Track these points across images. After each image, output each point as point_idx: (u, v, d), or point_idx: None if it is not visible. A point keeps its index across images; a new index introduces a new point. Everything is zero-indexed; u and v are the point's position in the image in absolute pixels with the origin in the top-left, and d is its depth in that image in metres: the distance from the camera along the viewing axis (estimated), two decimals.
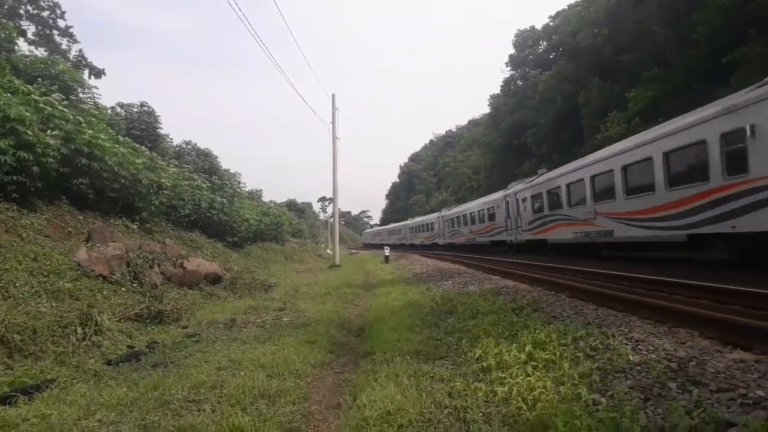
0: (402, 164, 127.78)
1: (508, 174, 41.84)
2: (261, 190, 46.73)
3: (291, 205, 79.56)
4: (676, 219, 11.80)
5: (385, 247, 33.06)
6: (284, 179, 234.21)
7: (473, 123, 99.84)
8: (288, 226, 38.06)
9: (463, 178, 64.76)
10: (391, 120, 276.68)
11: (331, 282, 17.70)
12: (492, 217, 27.57)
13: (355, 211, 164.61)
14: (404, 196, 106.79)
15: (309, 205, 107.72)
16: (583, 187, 16.27)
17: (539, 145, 37.82)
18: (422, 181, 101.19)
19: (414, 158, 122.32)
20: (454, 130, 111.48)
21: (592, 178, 15.71)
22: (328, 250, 48.78)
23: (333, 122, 30.59)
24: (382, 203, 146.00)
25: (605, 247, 16.28)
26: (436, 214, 45.36)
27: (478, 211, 30.04)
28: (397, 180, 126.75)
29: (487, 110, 61.00)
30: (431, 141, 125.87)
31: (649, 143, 12.72)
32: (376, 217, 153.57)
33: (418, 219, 54.18)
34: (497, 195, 27.56)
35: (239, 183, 34.93)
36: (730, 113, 10.03)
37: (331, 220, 49.46)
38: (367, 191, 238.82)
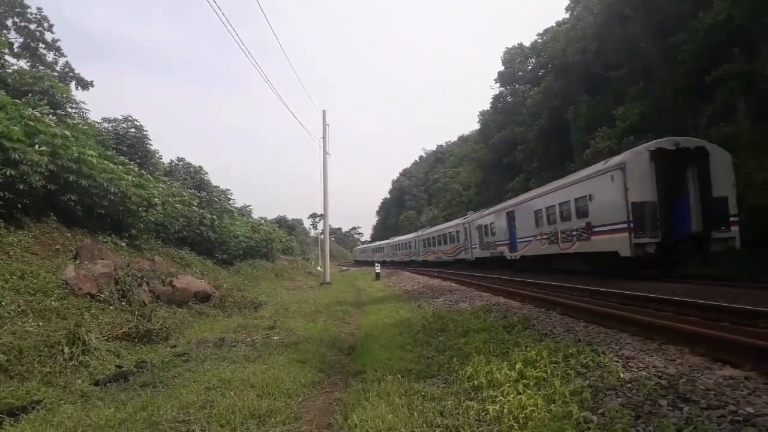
0: (393, 180, 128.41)
1: (499, 190, 42.07)
2: (251, 207, 46.71)
3: (281, 221, 79.37)
4: (550, 243, 20.22)
5: (376, 264, 33.15)
6: (275, 196, 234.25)
7: (463, 139, 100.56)
8: (278, 243, 37.90)
9: (453, 194, 65.04)
10: (383, 135, 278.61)
11: (321, 300, 17.65)
12: (455, 239, 36.35)
13: (345, 228, 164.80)
14: (395, 212, 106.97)
15: (299, 221, 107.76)
16: (502, 221, 26.20)
17: (529, 160, 38.16)
18: (413, 197, 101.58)
19: (405, 174, 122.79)
20: (444, 145, 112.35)
21: (508, 214, 25.46)
22: (318, 268, 48.63)
23: (324, 138, 30.77)
24: (373, 220, 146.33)
25: (515, 261, 24.80)
26: (413, 234, 54.08)
27: (447, 234, 38.69)
28: (389, 196, 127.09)
29: (477, 126, 61.81)
30: (422, 157, 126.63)
31: (536, 198, 22.02)
32: (367, 233, 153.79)
33: (398, 238, 62.93)
34: (459, 221, 36.48)
35: (229, 199, 34.80)
36: (579, 184, 17.89)
37: (322, 236, 49.50)
38: (358, 208, 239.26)
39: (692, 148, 15.04)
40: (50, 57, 34.22)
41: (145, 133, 25.87)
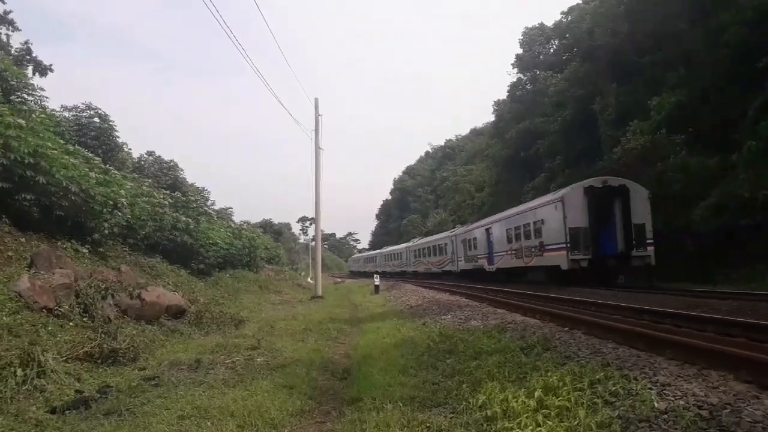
0: (395, 179, 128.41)
1: (516, 191, 42.10)
2: (231, 209, 46.73)
3: (266, 226, 79.32)
4: (518, 258, 26.83)
5: (375, 276, 33.13)
6: (259, 197, 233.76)
7: (476, 132, 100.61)
8: (263, 250, 37.88)
9: (464, 195, 65.27)
10: (383, 129, 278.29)
11: (312, 316, 17.67)
12: (444, 251, 42.61)
13: (340, 233, 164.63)
14: (397, 216, 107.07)
15: (287, 226, 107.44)
16: (483, 236, 32.67)
17: (551, 157, 38.11)
18: (417, 199, 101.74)
19: (409, 172, 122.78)
20: (453, 140, 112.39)
21: (487, 230, 31.85)
22: (308, 279, 48.57)
23: (316, 129, 30.77)
24: (372, 224, 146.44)
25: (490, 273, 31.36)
26: (404, 245, 60.62)
27: (436, 246, 44.92)
28: (390, 197, 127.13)
29: (491, 118, 61.72)
30: (428, 153, 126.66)
31: (508, 218, 28.74)
32: (364, 240, 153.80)
33: (390, 248, 69.74)
34: (447, 234, 43.47)
35: (207, 200, 34.83)
36: (535, 210, 24.84)
37: (313, 243, 49.59)
38: (354, 211, 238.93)
39: (616, 186, 21.89)
40: (2, 35, 33.98)
41: (111, 123, 25.89)
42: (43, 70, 32.83)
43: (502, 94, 58.35)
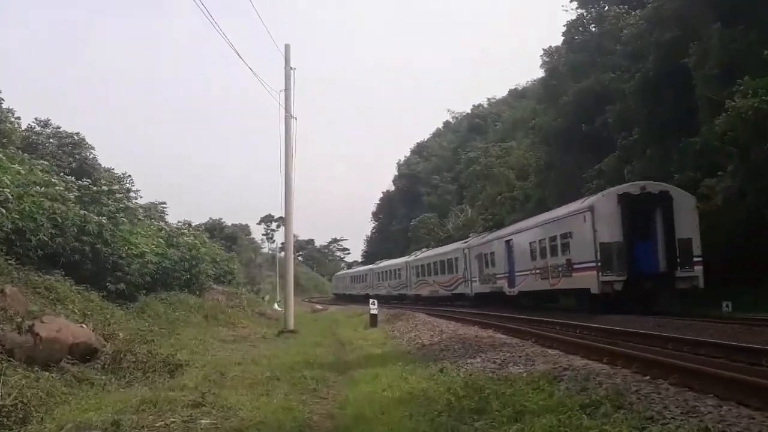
0: (400, 161, 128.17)
1: (575, 177, 41.99)
2: (165, 205, 46.83)
3: (215, 229, 79.49)
4: (543, 278, 30.60)
5: (371, 302, 32.90)
6: (204, 187, 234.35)
7: (516, 94, 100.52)
8: (209, 264, 37.83)
9: (500, 184, 65.06)
10: (382, 93, 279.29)
11: (280, 359, 17.65)
12: (453, 267, 46.60)
13: (322, 239, 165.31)
14: (404, 214, 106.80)
15: (244, 229, 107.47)
16: (502, 249, 37.19)
17: (624, 130, 37.77)
18: (433, 190, 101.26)
19: (420, 151, 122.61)
20: (485, 105, 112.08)
21: (507, 243, 36.27)
22: (275, 306, 48.67)
23: (287, 90, 30.54)
24: (367, 227, 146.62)
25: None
26: (403, 259, 65.43)
27: (444, 261, 49.17)
28: (393, 188, 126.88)
29: (539, 74, 61.41)
30: (447, 124, 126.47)
31: (530, 229, 33.27)
32: (356, 248, 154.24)
33: (385, 263, 73.51)
34: (458, 245, 48.31)
35: (129, 191, 34.85)
36: (562, 220, 28.94)
37: (282, 254, 49.07)
38: (342, 209, 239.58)
39: (657, 192, 25.28)
40: None
41: None
42: None
43: (556, 40, 58.45)
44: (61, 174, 25.07)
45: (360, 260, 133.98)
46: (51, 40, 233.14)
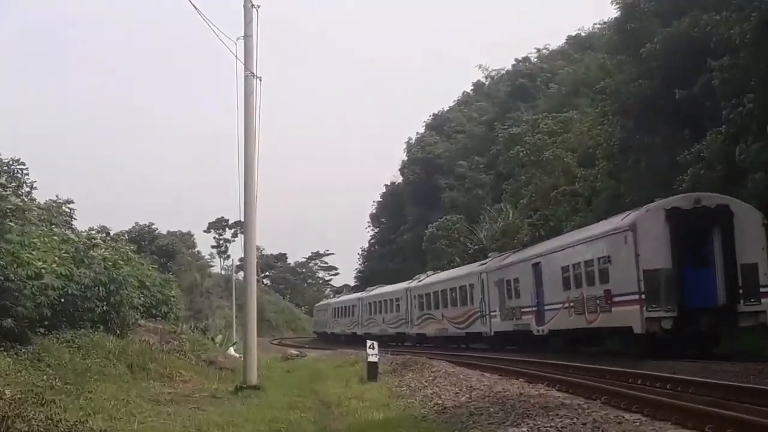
0: (409, 140, 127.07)
1: (662, 165, 41.95)
2: (72, 205, 46.64)
3: (143, 238, 79.53)
4: (580, 313, 32.49)
5: (370, 345, 32.49)
6: (127, 179, 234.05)
7: (577, 44, 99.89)
8: (136, 290, 37.64)
9: (554, 173, 65.00)
10: (383, 63, 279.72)
11: (239, 428, 17.70)
12: (467, 298, 50.51)
13: (298, 254, 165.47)
14: (417, 217, 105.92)
15: (187, 239, 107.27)
16: (528, 275, 40.13)
17: (734, 96, 37.55)
18: (457, 182, 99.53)
19: (438, 126, 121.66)
20: (533, 59, 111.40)
21: (534, 267, 38.83)
22: (231, 350, 48.96)
23: (247, 35, 29.97)
24: (362, 237, 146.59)
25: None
26: (403, 285, 68.24)
27: (454, 289, 53.58)
28: (400, 179, 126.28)
29: (609, 13, 61.02)
30: (478, 85, 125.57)
31: (564, 249, 36.07)
32: (347, 267, 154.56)
33: (378, 291, 77.34)
34: (474, 268, 52.49)
35: (21, 185, 34.89)
36: (597, 240, 31.92)
37: (240, 275, 48.07)
38: (326, 215, 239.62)
39: (713, 207, 27.27)
40: None
41: None
42: None
43: None
44: None
45: (352, 284, 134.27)
46: None
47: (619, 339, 29.43)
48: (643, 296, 25.65)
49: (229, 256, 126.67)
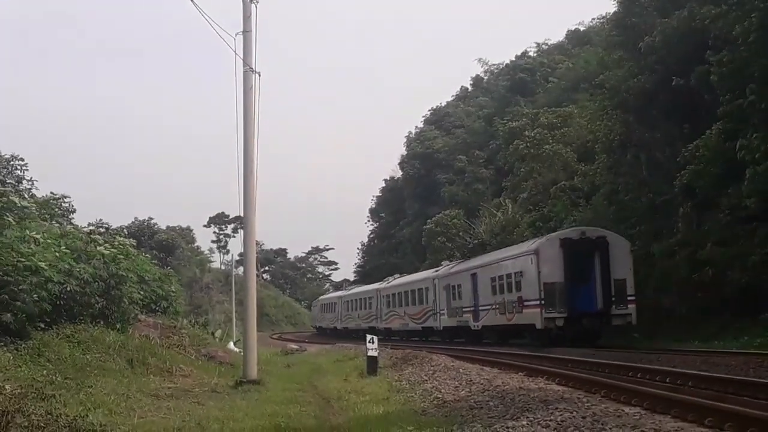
0: (409, 134, 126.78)
1: (660, 160, 41.75)
2: (70, 200, 46.63)
3: (142, 233, 79.44)
4: (501, 313, 44.99)
5: (370, 340, 32.47)
6: (127, 174, 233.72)
7: (576, 38, 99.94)
8: (136, 285, 37.46)
9: (554, 168, 65.09)
10: (381, 56, 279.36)
11: (239, 423, 17.61)
12: (423, 298, 61.27)
13: (298, 249, 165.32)
14: (416, 212, 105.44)
15: (186, 234, 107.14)
16: (468, 282, 51.46)
17: (729, 91, 37.22)
18: (456, 176, 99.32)
19: (437, 120, 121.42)
20: (532, 53, 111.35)
21: (473, 276, 50.81)
22: (231, 344, 49.39)
23: (246, 31, 29.89)
24: (363, 232, 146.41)
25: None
26: (375, 286, 78.85)
27: (415, 290, 63.86)
28: (399, 173, 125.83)
29: (608, 6, 60.97)
30: (477, 80, 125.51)
31: (493, 264, 48.33)
32: (347, 261, 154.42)
33: (357, 290, 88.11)
34: (428, 274, 63.56)
35: (20, 182, 34.84)
36: (515, 259, 43.58)
37: (239, 270, 48.22)
38: (326, 210, 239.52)
39: (595, 238, 37.40)
40: None
41: None
42: None
43: None
44: None
45: (353, 278, 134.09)
46: None
47: (528, 333, 40.38)
48: (543, 302, 36.86)
49: (228, 251, 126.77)
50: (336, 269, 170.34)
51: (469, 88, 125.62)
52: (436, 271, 61.11)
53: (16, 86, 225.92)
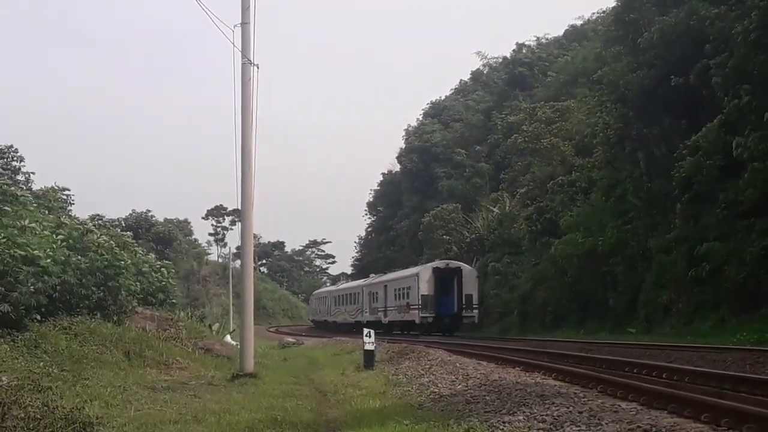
0: (407, 128, 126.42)
1: (659, 155, 41.72)
2: (68, 192, 46.52)
3: (139, 225, 79.35)
4: (399, 313, 72.81)
5: (367, 333, 32.45)
6: (125, 165, 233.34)
7: (574, 34, 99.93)
8: (133, 277, 37.45)
9: (552, 161, 65.42)
10: (380, 50, 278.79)
11: (235, 416, 17.48)
12: (356, 300, 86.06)
13: (295, 242, 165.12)
14: (414, 206, 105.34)
15: (184, 226, 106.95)
16: (381, 291, 77.85)
17: (730, 87, 37.12)
18: (455, 170, 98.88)
19: (436, 113, 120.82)
20: (531, 46, 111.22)
21: (385, 286, 77.31)
22: (228, 337, 49.25)
23: (244, 23, 29.80)
24: (360, 225, 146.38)
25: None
26: (329, 289, 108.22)
27: (350, 294, 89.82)
28: (397, 167, 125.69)
29: (608, 4, 60.97)
30: (476, 74, 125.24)
31: (395, 280, 76.26)
32: (343, 256, 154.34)
33: (345, 285, 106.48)
34: (361, 283, 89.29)
35: (17, 172, 34.74)
36: (407, 278, 72.08)
37: (237, 263, 48.53)
38: (323, 203, 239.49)
39: (454, 267, 63.68)
40: None
41: None
42: None
43: None
44: None
45: (349, 272, 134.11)
46: None
47: (412, 326, 63.02)
48: (420, 306, 60.05)
49: (226, 244, 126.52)
50: (333, 262, 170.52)
51: (468, 82, 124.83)
52: (366, 281, 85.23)
53: (13, 81, 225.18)
